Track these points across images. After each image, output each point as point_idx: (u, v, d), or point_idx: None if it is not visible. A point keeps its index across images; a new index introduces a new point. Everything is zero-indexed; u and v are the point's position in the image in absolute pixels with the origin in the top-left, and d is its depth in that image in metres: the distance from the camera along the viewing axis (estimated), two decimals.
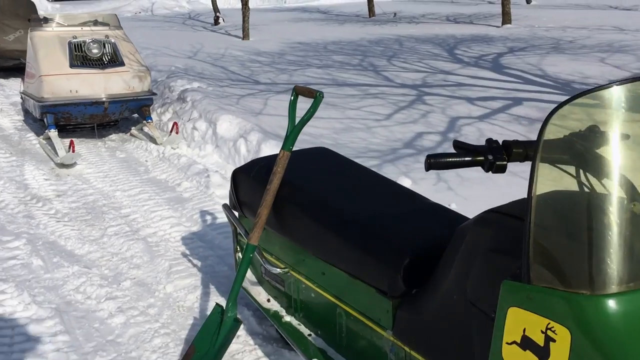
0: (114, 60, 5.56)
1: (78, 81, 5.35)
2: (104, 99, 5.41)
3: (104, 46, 5.56)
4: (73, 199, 4.35)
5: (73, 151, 4.87)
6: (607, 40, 9.91)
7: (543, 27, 12.57)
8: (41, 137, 5.77)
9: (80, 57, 5.44)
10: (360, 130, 5.39)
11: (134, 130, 6.07)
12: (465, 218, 2.03)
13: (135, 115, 6.01)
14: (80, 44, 5.48)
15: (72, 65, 5.38)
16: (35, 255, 3.41)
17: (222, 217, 3.92)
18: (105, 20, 5.99)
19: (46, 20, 5.79)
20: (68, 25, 5.70)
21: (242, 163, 4.97)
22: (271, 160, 2.46)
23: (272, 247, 2.49)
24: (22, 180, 4.72)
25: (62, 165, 5.03)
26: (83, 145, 5.72)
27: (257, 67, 8.85)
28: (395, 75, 7.86)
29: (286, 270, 2.34)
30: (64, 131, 5.74)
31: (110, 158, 5.35)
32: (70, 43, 5.45)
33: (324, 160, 2.69)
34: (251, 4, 33.16)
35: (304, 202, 2.29)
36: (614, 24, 12.17)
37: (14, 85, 8.58)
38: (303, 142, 4.80)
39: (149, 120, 5.80)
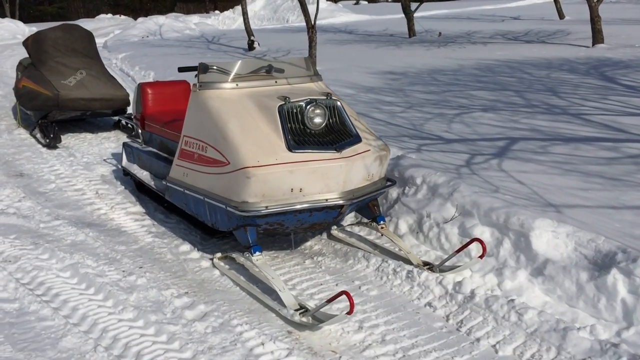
0: (346, 135, 3.41)
1: (305, 174, 3.14)
2: (342, 201, 3.26)
3: (329, 112, 3.41)
4: None
5: (351, 312, 2.68)
6: None
7: None
8: (216, 257, 3.60)
9: (297, 131, 3.28)
10: None
11: (335, 232, 3.96)
12: None
13: None
14: (296, 111, 3.32)
15: (290, 147, 3.25)
16: None
17: None
18: (280, 66, 3.77)
19: (206, 68, 3.59)
20: (255, 79, 3.52)
21: (619, 317, 2.91)
22: None
23: None
24: None
25: (303, 326, 2.90)
26: (280, 265, 3.58)
27: (402, 114, 6.80)
28: (612, 120, 5.89)
29: None
30: (217, 234, 3.58)
31: (361, 299, 3.19)
32: (282, 109, 3.31)
33: None
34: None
35: None
36: None
37: (81, 147, 6.35)
38: None
39: (382, 222, 3.69)
